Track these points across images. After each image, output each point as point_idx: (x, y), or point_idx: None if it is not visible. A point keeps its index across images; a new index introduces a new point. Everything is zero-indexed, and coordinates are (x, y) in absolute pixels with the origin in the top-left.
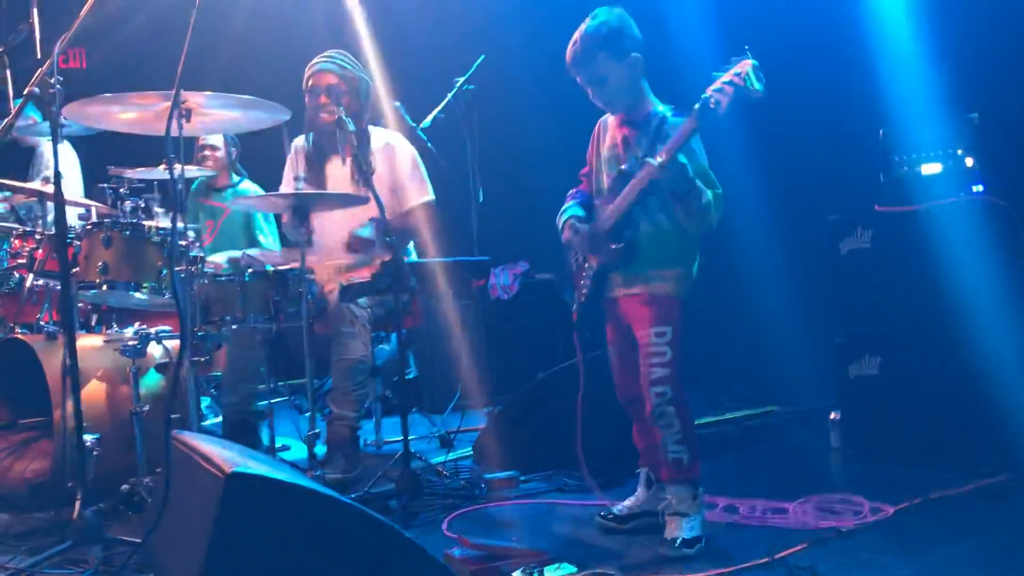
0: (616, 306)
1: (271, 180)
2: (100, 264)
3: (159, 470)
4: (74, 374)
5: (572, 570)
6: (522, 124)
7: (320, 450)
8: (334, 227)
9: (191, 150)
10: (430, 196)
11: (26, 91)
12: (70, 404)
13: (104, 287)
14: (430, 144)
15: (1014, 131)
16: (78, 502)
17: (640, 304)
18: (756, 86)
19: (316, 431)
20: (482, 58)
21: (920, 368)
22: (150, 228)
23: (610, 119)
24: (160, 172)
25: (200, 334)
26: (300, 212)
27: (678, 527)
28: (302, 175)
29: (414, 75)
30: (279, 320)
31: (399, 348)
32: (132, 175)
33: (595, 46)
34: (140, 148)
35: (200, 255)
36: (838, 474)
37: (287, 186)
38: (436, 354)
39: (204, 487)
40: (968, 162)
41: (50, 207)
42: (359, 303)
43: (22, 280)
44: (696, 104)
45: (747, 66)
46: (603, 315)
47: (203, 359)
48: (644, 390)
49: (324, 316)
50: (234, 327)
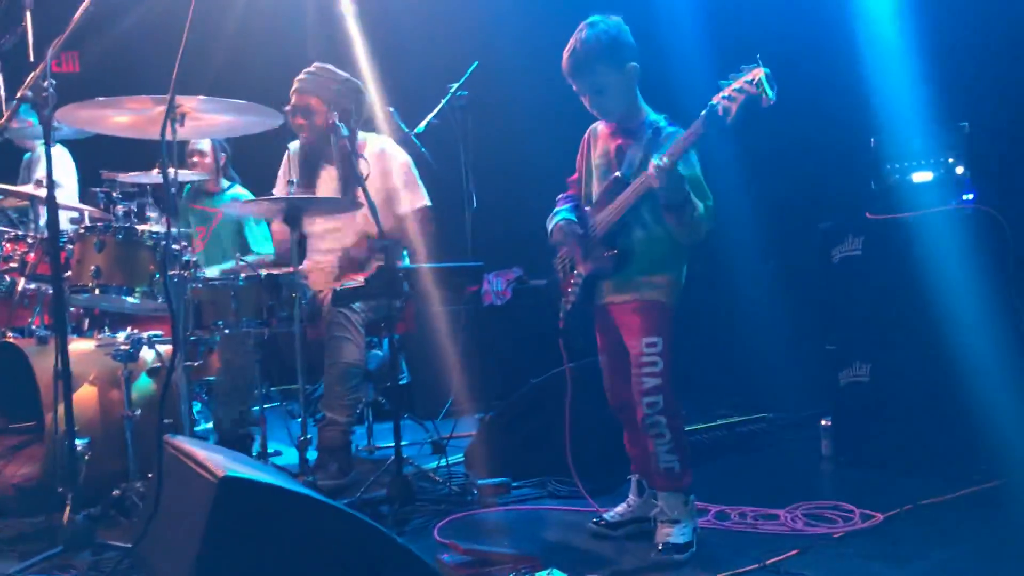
0: (606, 313)
1: (270, 185)
2: (93, 268)
3: (150, 475)
4: (66, 378)
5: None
6: (516, 130)
7: (312, 455)
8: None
9: (184, 154)
10: (426, 202)
11: (19, 95)
12: (61, 408)
13: (96, 291)
14: (424, 149)
15: (1004, 140)
16: (68, 507)
17: (631, 313)
18: (769, 94)
19: (308, 436)
20: (476, 64)
21: (910, 375)
22: (143, 232)
23: (601, 127)
24: (153, 176)
25: (193, 338)
26: (292, 217)
27: (669, 533)
28: (295, 180)
29: (408, 80)
30: (272, 324)
31: (391, 353)
32: (125, 179)
33: (596, 55)
34: (133, 152)
35: (193, 259)
36: (829, 481)
37: (280, 191)
38: (429, 359)
39: (196, 491)
40: (958, 170)
41: (43, 211)
42: (352, 307)
43: (14, 284)
44: (703, 111)
45: (759, 74)
46: (593, 320)
47: (196, 363)
48: (636, 399)
49: (317, 321)
50: (227, 331)
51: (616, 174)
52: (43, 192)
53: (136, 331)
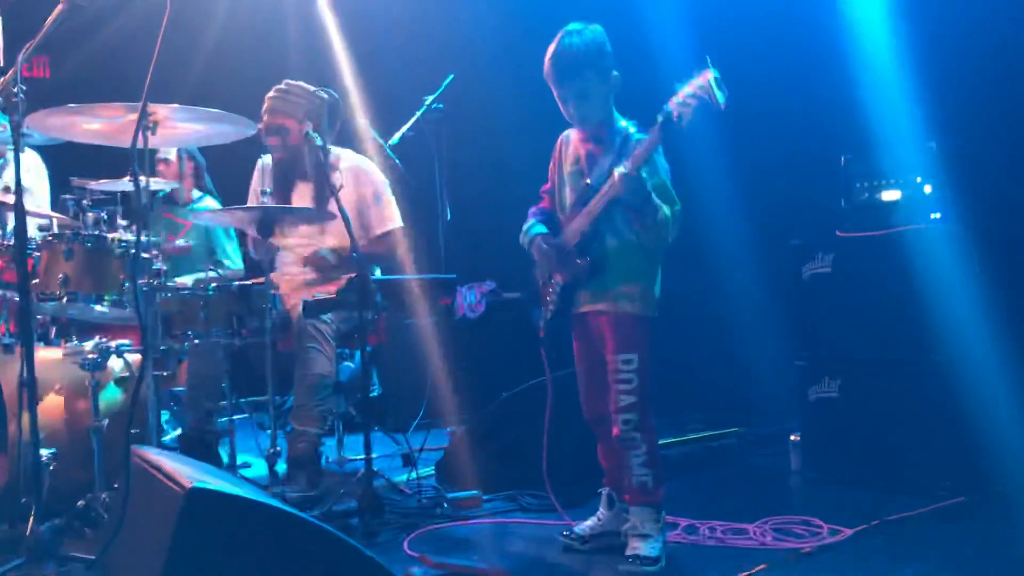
0: (584, 321)
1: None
2: (61, 276)
3: (116, 485)
4: (31, 387)
5: None
6: (490, 143)
7: (281, 468)
8: (296, 246)
9: (154, 162)
10: (398, 223)
11: None
12: (26, 418)
13: (65, 299)
14: (398, 161)
15: (971, 159)
16: (32, 518)
17: (607, 325)
18: (719, 97)
19: (277, 448)
20: (451, 77)
21: (879, 391)
22: (113, 240)
23: (572, 134)
24: (124, 184)
25: (162, 348)
26: (265, 226)
27: (639, 547)
28: (268, 190)
29: (384, 92)
30: (242, 335)
31: (363, 365)
32: (95, 186)
33: (587, 61)
34: (104, 159)
35: (162, 268)
36: (798, 496)
37: (253, 201)
38: (401, 372)
39: (163, 502)
40: (927, 189)
41: (10, 217)
42: (323, 318)
43: None
44: (659, 116)
45: (708, 77)
46: (569, 334)
47: (165, 373)
48: (612, 414)
49: (287, 332)
50: (196, 341)
51: (587, 181)
52: (11, 199)
53: (105, 340)
